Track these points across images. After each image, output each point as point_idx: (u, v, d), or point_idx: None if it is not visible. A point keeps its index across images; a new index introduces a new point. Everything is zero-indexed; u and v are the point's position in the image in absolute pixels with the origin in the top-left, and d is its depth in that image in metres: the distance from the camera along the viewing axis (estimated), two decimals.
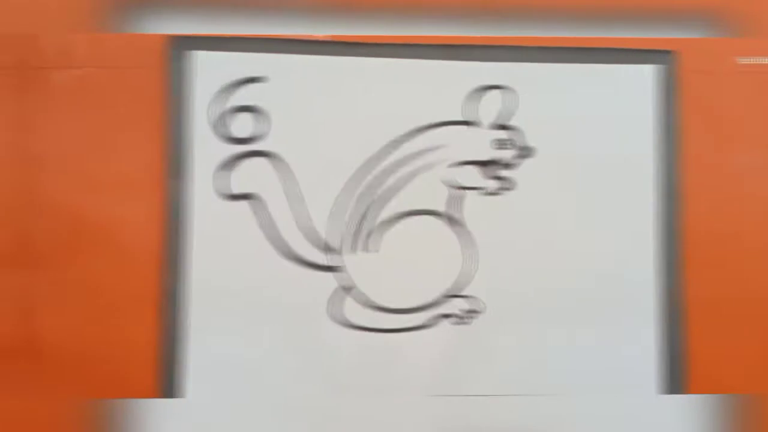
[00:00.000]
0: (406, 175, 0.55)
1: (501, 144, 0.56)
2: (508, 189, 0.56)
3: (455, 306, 0.55)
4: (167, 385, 0.54)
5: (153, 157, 0.55)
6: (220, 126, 0.55)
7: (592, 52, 0.56)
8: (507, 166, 0.56)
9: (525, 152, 0.56)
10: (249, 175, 0.55)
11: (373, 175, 0.55)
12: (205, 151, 0.54)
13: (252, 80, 0.55)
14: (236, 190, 0.55)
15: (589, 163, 0.56)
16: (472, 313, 0.55)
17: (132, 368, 0.54)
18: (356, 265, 0.55)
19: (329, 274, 0.55)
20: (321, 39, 0.56)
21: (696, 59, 0.57)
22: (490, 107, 0.56)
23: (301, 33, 0.55)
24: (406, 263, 0.55)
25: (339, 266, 0.55)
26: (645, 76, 0.56)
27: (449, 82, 0.56)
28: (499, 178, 0.56)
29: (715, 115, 0.57)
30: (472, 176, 0.56)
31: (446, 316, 0.55)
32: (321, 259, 0.55)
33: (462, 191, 0.55)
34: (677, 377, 0.56)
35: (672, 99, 0.56)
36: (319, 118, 0.55)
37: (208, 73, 0.55)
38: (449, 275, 0.55)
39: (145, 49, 0.55)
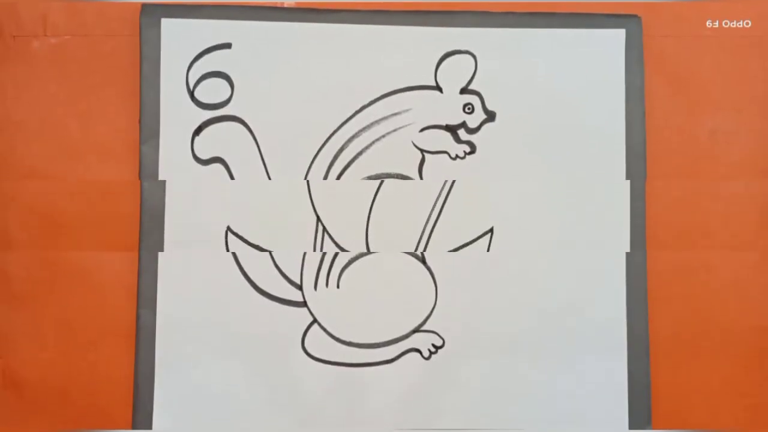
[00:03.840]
0: (374, 140, 0.56)
1: (468, 109, 0.56)
2: (472, 153, 0.56)
3: (421, 340, 0.56)
4: (142, 416, 0.55)
5: (128, 123, 0.56)
6: (192, 93, 0.56)
7: (557, 18, 0.56)
8: (472, 131, 0.56)
9: (490, 117, 0.56)
10: (219, 141, 0.56)
11: (340, 140, 0.56)
12: (178, 116, 0.56)
13: (220, 47, 0.56)
14: (208, 155, 0.56)
15: (556, 131, 0.56)
16: (438, 347, 0.56)
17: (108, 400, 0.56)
18: (324, 300, 0.56)
19: (300, 309, 0.56)
20: (287, 6, 0.56)
21: (663, 23, 0.57)
22: (456, 73, 0.56)
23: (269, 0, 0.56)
24: (373, 298, 0.56)
25: (309, 300, 0.56)
26: (611, 40, 0.56)
27: (416, 48, 0.56)
28: (464, 142, 0.56)
29: (682, 79, 0.57)
30: (439, 141, 0.56)
31: (413, 350, 0.56)
32: (293, 294, 0.56)
33: (429, 155, 0.56)
34: (642, 412, 0.56)
35: (638, 64, 0.56)
36: (287, 84, 0.56)
37: (179, 40, 0.56)
38: (417, 310, 0.56)
39: (118, 17, 0.57)
